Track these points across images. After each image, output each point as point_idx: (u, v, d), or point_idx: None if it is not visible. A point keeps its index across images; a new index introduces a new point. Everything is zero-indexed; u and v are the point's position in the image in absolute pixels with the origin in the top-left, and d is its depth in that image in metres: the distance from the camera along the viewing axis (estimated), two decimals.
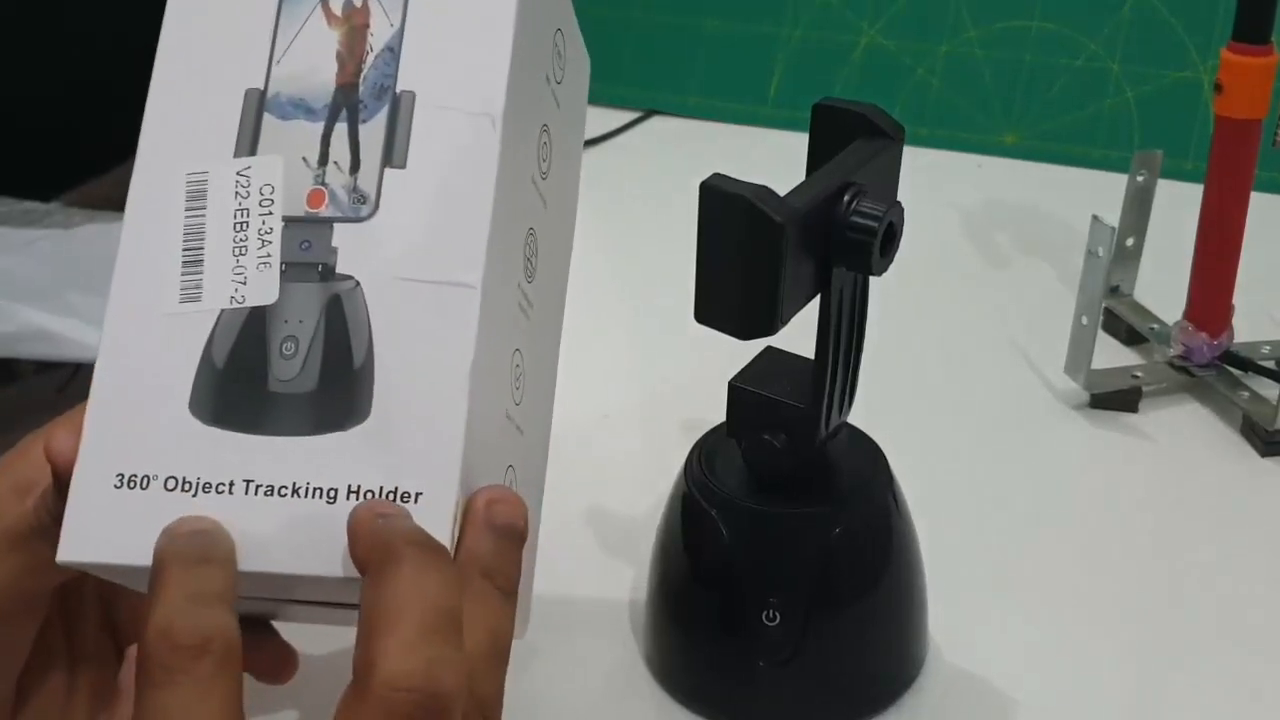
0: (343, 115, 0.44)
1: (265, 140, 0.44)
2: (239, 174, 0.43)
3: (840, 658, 0.54)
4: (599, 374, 0.78)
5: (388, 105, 0.44)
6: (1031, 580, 0.63)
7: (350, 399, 0.41)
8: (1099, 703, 0.56)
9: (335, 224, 0.43)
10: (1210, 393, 0.75)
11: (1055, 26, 1.06)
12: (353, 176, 0.43)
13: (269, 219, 0.43)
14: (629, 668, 0.57)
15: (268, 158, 0.43)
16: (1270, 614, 0.61)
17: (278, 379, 0.42)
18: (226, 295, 0.42)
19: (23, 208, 0.92)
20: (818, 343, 0.50)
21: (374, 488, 0.40)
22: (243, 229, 0.43)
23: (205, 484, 0.41)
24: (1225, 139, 0.71)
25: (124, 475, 0.41)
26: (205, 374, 0.42)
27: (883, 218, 0.47)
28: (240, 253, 0.43)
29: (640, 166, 1.06)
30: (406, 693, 0.34)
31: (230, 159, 0.43)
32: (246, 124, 0.44)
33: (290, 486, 0.41)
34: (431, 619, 0.35)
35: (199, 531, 0.39)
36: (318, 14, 0.45)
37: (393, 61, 0.44)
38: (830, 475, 0.54)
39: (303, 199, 0.43)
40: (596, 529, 0.65)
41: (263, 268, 0.42)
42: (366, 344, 0.42)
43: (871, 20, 1.10)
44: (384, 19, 0.44)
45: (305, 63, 0.44)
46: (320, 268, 0.42)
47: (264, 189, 0.43)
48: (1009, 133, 1.06)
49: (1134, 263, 0.80)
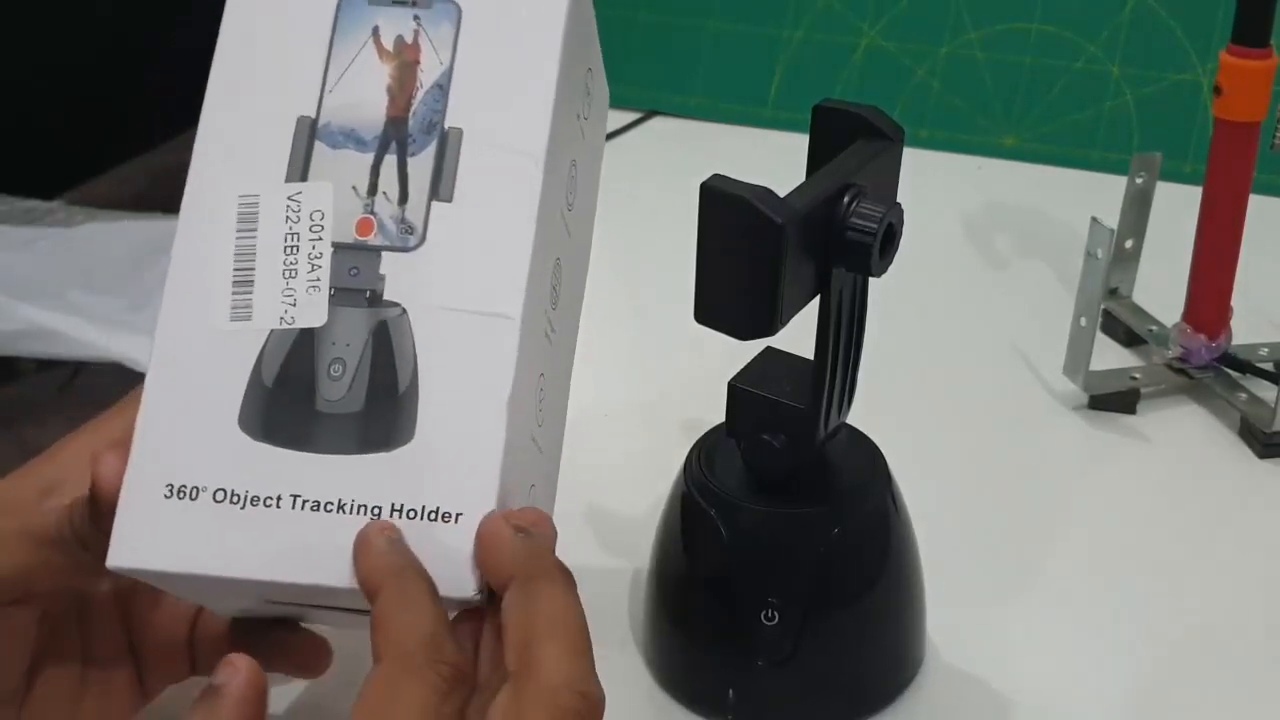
0: (392, 148, 0.45)
1: (316, 167, 0.45)
2: (290, 199, 0.44)
3: (839, 658, 0.54)
4: (599, 374, 0.78)
5: (436, 140, 0.45)
6: (1029, 581, 0.63)
7: (395, 421, 0.43)
8: (1097, 703, 0.56)
9: (383, 252, 0.44)
10: (1208, 395, 0.75)
11: (1055, 29, 1.06)
12: (401, 208, 0.44)
13: (319, 244, 0.44)
14: (629, 668, 0.58)
15: (319, 184, 0.45)
16: (1268, 615, 0.61)
17: (325, 399, 0.43)
18: (276, 316, 0.44)
19: (24, 206, 0.92)
20: (817, 343, 0.51)
21: (416, 507, 0.42)
22: (293, 252, 0.44)
23: (254, 497, 0.42)
24: (1224, 141, 0.71)
25: (174, 486, 0.42)
26: (255, 391, 0.43)
27: (882, 219, 0.47)
28: (290, 275, 0.44)
29: (641, 167, 1.06)
30: (571, 694, 0.37)
31: (282, 183, 0.45)
32: (298, 150, 0.45)
33: (336, 502, 0.42)
34: (584, 632, 0.39)
35: None
36: (370, 47, 0.46)
37: (441, 98, 0.45)
38: (829, 476, 0.54)
39: (352, 226, 0.44)
40: (596, 529, 0.65)
41: (312, 291, 0.44)
42: (411, 369, 0.43)
43: (872, 22, 1.10)
44: (434, 56, 0.46)
45: (357, 94, 0.45)
46: (368, 294, 0.44)
47: (314, 215, 0.44)
48: (1009, 134, 1.06)
49: (1133, 265, 0.80)
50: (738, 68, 1.13)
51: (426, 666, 0.37)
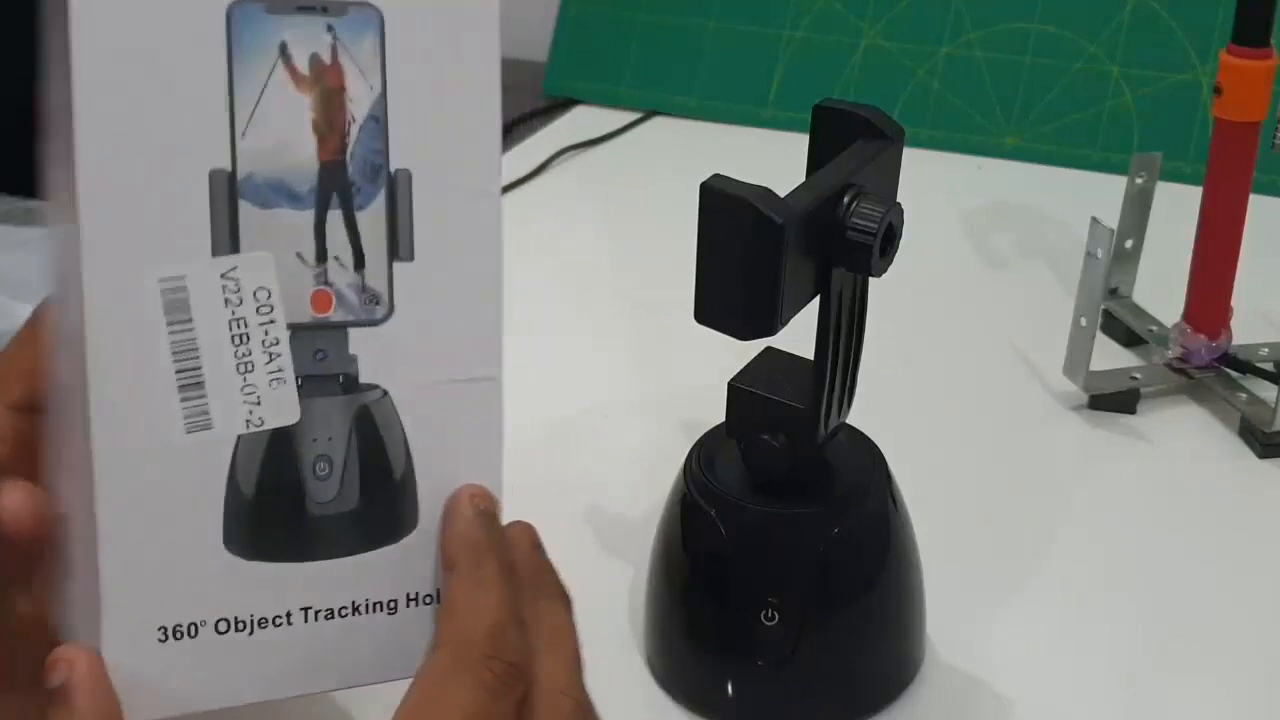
0: (334, 200, 0.39)
1: (247, 234, 0.38)
2: (224, 276, 0.38)
3: (839, 658, 0.54)
4: (599, 374, 0.78)
5: (384, 187, 0.39)
6: (1029, 581, 0.63)
7: (397, 511, 0.40)
8: (1096, 703, 0.56)
9: (349, 329, 0.39)
10: (1208, 395, 0.75)
11: (1055, 29, 1.06)
12: (359, 274, 0.39)
13: (271, 328, 0.38)
14: (629, 668, 0.58)
15: (255, 255, 0.38)
16: (1268, 615, 0.61)
17: (316, 501, 0.40)
18: (241, 420, 0.38)
19: (24, 206, 0.92)
20: (817, 343, 0.51)
21: (431, 592, 0.41)
22: (243, 341, 0.38)
23: (260, 619, 0.39)
24: (1224, 141, 0.71)
25: (167, 628, 0.38)
26: (235, 506, 0.38)
27: (882, 219, 0.47)
28: (246, 370, 0.38)
29: (641, 167, 1.06)
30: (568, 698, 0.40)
31: (209, 258, 0.37)
32: (220, 214, 0.37)
33: (350, 605, 0.40)
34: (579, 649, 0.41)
35: None
36: (280, 73, 0.38)
37: (379, 134, 0.39)
38: (829, 476, 0.54)
39: (306, 303, 0.39)
40: (596, 529, 0.65)
41: (276, 384, 0.38)
42: (404, 453, 0.40)
43: (872, 22, 1.10)
44: (361, 81, 0.38)
45: (276, 135, 0.38)
46: (341, 378, 0.39)
47: (258, 293, 0.38)
48: (1009, 135, 1.06)
49: (1133, 265, 0.80)
50: (738, 68, 1.13)
51: (482, 663, 0.37)
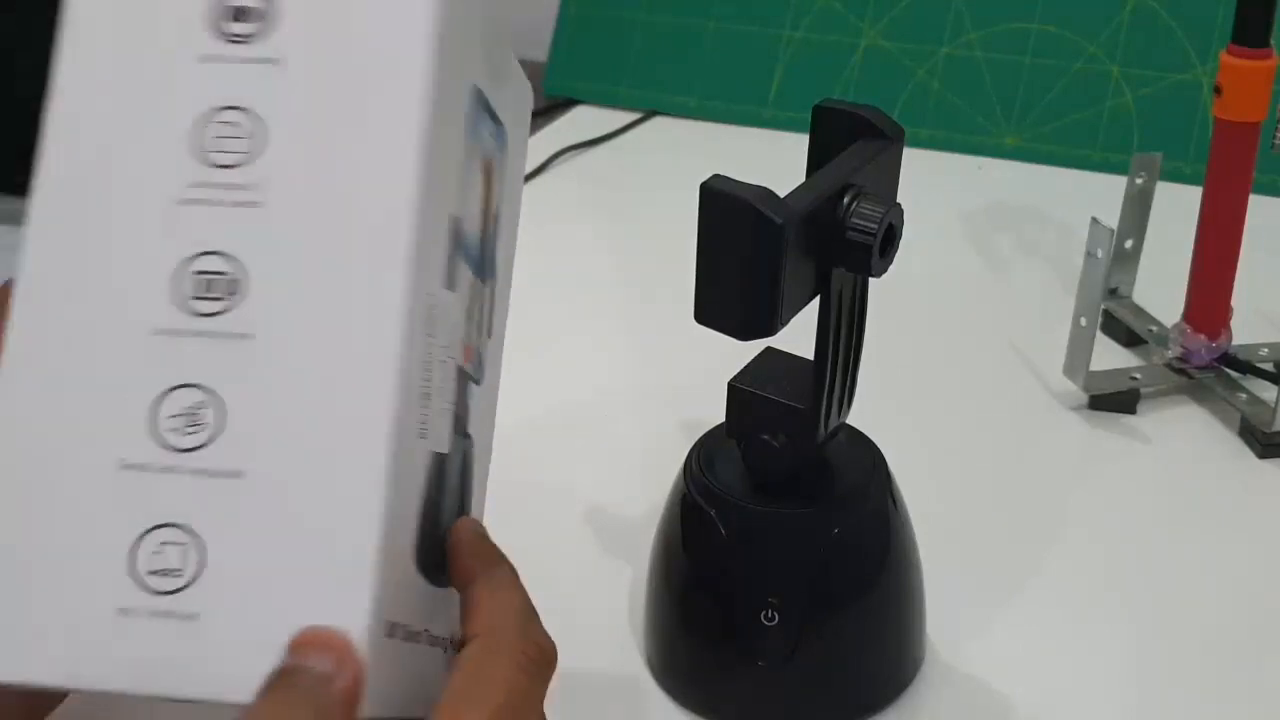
0: (486, 272, 0.41)
1: (454, 277, 0.39)
2: (444, 306, 0.38)
3: (838, 658, 0.54)
4: (600, 374, 0.78)
5: (498, 273, 0.43)
6: (1029, 581, 0.63)
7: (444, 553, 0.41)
8: (1096, 704, 0.56)
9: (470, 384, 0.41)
10: (1208, 395, 0.75)
11: (1055, 29, 1.06)
12: (486, 340, 0.43)
13: (451, 363, 0.39)
14: (629, 668, 0.58)
15: (456, 295, 0.39)
16: (1268, 615, 0.61)
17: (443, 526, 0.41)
18: (443, 438, 0.39)
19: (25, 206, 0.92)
20: (817, 343, 0.51)
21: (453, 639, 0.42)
22: (441, 366, 0.38)
23: (416, 633, 0.38)
24: (1224, 142, 0.71)
25: (394, 625, 0.37)
26: (427, 526, 0.38)
27: (882, 219, 0.47)
28: (440, 395, 0.39)
29: (641, 167, 1.06)
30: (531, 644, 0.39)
31: (441, 289, 0.38)
32: (450, 255, 0.38)
33: (427, 635, 0.40)
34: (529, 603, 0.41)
35: None
36: (474, 151, 0.40)
37: (496, 224, 0.43)
38: (829, 476, 0.54)
39: (459, 351, 0.40)
40: (596, 529, 0.65)
41: (443, 414, 0.39)
42: (465, 501, 0.43)
43: (872, 22, 1.10)
44: (502, 177, 0.43)
45: (469, 203, 0.39)
46: (458, 421, 0.41)
47: (453, 329, 0.39)
48: (1009, 135, 1.06)
49: (1133, 265, 0.80)
50: (738, 68, 1.13)
51: (516, 644, 0.38)
